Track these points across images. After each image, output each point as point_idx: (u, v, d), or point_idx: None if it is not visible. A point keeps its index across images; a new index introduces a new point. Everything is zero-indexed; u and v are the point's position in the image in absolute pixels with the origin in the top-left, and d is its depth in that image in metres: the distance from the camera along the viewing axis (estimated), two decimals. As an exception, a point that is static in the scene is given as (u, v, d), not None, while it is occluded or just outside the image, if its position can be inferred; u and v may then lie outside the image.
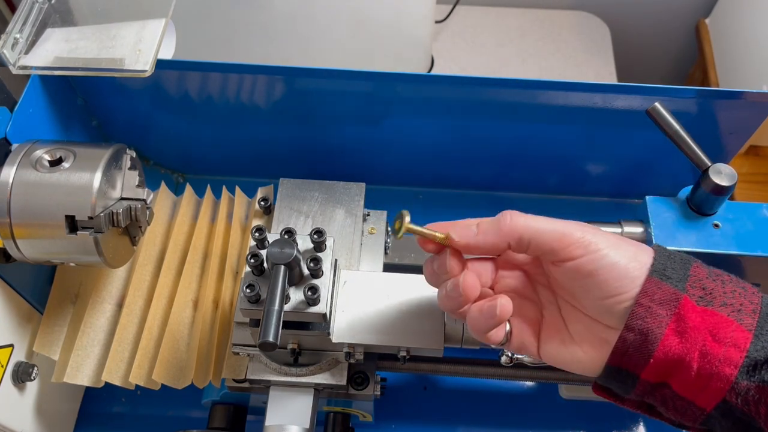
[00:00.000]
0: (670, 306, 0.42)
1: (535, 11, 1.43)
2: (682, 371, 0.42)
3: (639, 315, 0.42)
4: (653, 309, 0.42)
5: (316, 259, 0.52)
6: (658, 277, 0.43)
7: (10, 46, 0.61)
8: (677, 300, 0.42)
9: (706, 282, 0.44)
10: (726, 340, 0.42)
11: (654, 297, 0.42)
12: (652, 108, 0.61)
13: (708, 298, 0.43)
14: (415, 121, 0.75)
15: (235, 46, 1.13)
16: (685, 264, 0.45)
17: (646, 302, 0.42)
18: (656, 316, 0.42)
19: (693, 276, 0.44)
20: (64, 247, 0.54)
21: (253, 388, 0.61)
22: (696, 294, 0.43)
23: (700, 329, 0.42)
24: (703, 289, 0.43)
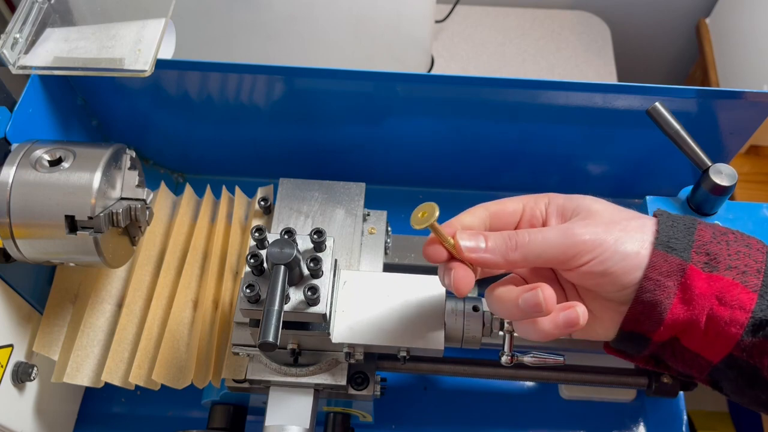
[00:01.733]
0: (677, 276, 0.44)
1: (535, 11, 1.43)
2: (691, 331, 0.44)
3: (648, 289, 0.44)
4: (661, 282, 0.44)
5: (316, 259, 0.52)
6: (663, 250, 0.44)
7: (9, 46, 0.61)
8: (683, 270, 0.44)
9: (710, 246, 0.45)
10: (732, 302, 0.43)
11: (661, 270, 0.44)
12: (653, 108, 0.61)
13: (713, 264, 0.44)
14: (415, 121, 0.75)
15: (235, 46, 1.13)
16: (689, 229, 0.45)
17: (654, 276, 0.44)
18: (664, 288, 0.44)
19: (698, 241, 0.45)
20: (64, 247, 0.54)
21: (253, 388, 0.61)
22: (701, 260, 0.44)
23: (707, 295, 0.43)
24: (707, 254, 0.44)
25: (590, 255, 0.44)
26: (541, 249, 0.45)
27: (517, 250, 0.46)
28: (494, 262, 0.46)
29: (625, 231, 0.45)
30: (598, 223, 0.45)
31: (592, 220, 0.46)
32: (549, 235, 0.45)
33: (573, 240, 0.45)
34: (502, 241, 0.46)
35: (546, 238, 0.45)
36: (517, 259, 0.46)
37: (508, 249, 0.46)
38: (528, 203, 0.50)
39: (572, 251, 0.45)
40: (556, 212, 0.49)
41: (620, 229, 0.45)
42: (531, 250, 0.45)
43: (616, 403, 0.76)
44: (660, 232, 0.45)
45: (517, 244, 0.46)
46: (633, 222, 0.46)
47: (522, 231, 0.46)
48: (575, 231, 0.45)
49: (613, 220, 0.46)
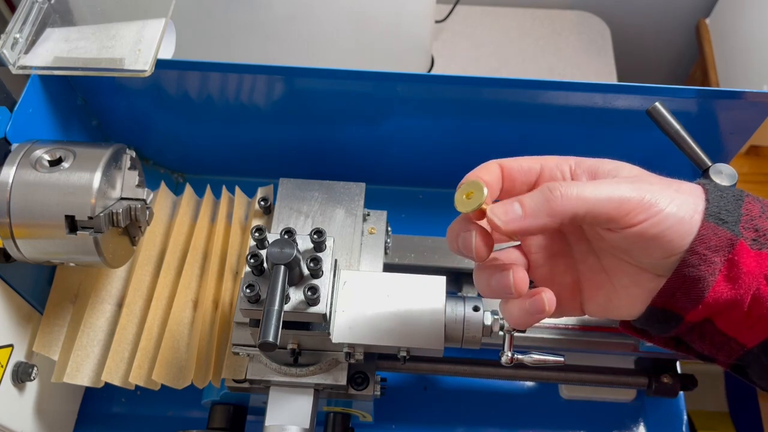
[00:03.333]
0: (724, 252, 0.40)
1: (535, 11, 1.43)
2: (732, 312, 0.41)
3: (692, 263, 0.40)
4: (708, 257, 0.40)
5: (316, 259, 0.52)
6: (714, 222, 0.40)
7: (9, 46, 0.61)
8: (732, 245, 0.40)
9: (759, 221, 0.41)
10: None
11: (710, 244, 0.40)
12: (653, 108, 0.61)
13: (762, 240, 0.41)
14: (415, 121, 0.75)
15: (235, 46, 1.13)
16: (738, 201, 0.42)
17: (701, 250, 0.40)
18: (710, 263, 0.40)
19: (746, 215, 0.41)
20: (64, 247, 0.54)
21: (253, 388, 0.61)
22: (749, 236, 0.41)
23: (755, 274, 0.40)
24: (756, 230, 0.41)
25: (645, 215, 0.40)
26: (592, 202, 0.40)
27: (563, 200, 0.40)
28: (539, 226, 0.41)
29: (680, 192, 0.41)
30: (651, 181, 0.41)
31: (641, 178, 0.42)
32: (601, 187, 0.40)
33: (627, 195, 0.40)
34: (542, 198, 0.40)
35: (598, 190, 0.40)
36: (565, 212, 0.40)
37: (552, 203, 0.40)
38: (547, 163, 0.45)
39: (626, 207, 0.40)
40: (588, 173, 0.44)
41: (674, 190, 0.41)
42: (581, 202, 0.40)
43: (616, 403, 0.76)
44: (710, 201, 0.41)
45: (561, 195, 0.40)
46: (684, 185, 0.42)
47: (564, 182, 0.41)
48: (629, 186, 0.40)
49: (663, 181, 0.42)
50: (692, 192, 0.42)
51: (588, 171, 0.44)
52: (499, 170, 0.45)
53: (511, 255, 0.47)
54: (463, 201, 0.42)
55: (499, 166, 0.45)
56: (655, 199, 0.40)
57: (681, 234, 0.40)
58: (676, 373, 0.68)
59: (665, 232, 0.40)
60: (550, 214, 0.40)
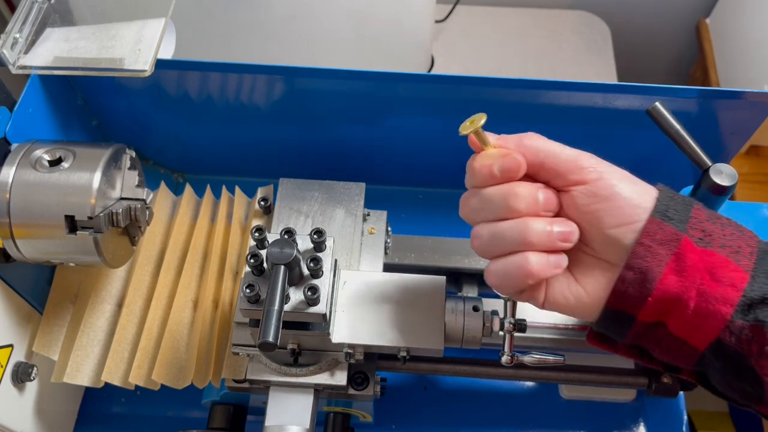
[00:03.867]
0: (670, 246, 0.43)
1: (535, 11, 1.43)
2: (679, 309, 0.43)
3: (639, 254, 0.43)
4: (654, 248, 0.43)
5: (316, 259, 0.52)
6: (660, 218, 0.44)
7: (9, 46, 0.61)
8: (678, 240, 0.43)
9: (706, 224, 0.45)
10: (724, 279, 0.43)
11: (655, 237, 0.43)
12: (653, 108, 0.61)
13: (707, 240, 0.44)
14: (415, 121, 0.75)
15: (235, 45, 1.13)
16: (687, 206, 0.45)
17: (647, 242, 0.43)
18: (656, 255, 0.43)
19: (694, 218, 0.45)
20: (64, 247, 0.54)
21: (253, 388, 0.61)
22: (696, 235, 0.44)
23: (699, 268, 0.43)
24: (703, 231, 0.44)
25: (597, 175, 0.45)
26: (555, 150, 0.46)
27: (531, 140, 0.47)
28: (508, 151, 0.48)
29: (632, 178, 0.46)
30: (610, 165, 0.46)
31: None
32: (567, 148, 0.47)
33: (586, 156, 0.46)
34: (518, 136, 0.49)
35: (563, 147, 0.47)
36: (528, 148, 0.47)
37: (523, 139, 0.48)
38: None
39: (581, 163, 0.45)
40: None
41: (626, 174, 0.46)
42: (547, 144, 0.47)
43: (616, 403, 0.76)
44: (659, 200, 0.45)
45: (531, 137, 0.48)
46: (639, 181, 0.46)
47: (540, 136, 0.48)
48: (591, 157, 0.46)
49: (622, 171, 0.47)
50: (645, 185, 0.46)
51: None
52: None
53: None
54: (465, 126, 0.49)
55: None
56: (608, 170, 0.45)
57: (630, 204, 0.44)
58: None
59: (615, 196, 0.44)
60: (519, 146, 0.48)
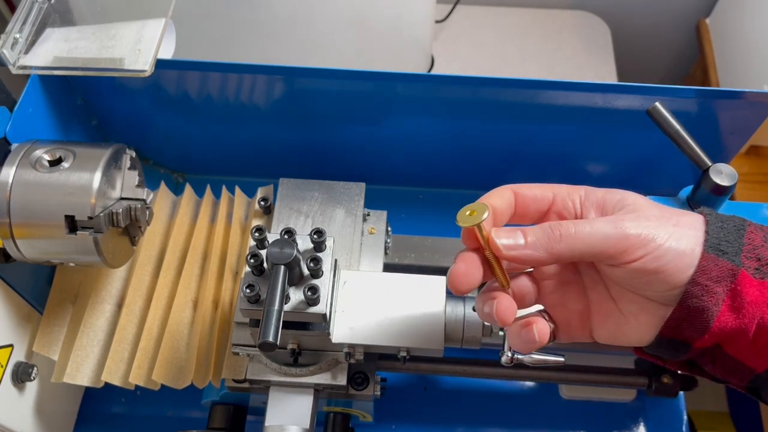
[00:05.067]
0: (726, 282, 0.41)
1: (535, 11, 1.43)
2: (737, 339, 0.42)
3: (695, 294, 0.41)
4: (710, 287, 0.41)
5: (316, 259, 0.52)
6: (714, 253, 0.41)
7: (9, 46, 0.61)
8: (734, 276, 0.41)
9: (761, 251, 0.42)
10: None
11: (711, 275, 0.41)
12: (653, 108, 0.61)
13: (765, 270, 0.42)
14: (415, 121, 0.75)
15: (235, 46, 1.13)
16: (739, 231, 0.43)
17: (703, 281, 0.41)
18: (713, 294, 0.41)
19: (748, 245, 0.42)
20: (64, 247, 0.54)
21: (253, 388, 0.61)
22: (752, 266, 0.42)
23: (758, 303, 0.41)
24: (758, 259, 0.42)
25: (643, 251, 0.41)
26: (589, 242, 0.42)
27: (561, 241, 0.42)
28: (536, 259, 0.43)
29: (678, 227, 0.42)
30: (649, 217, 0.42)
31: (641, 213, 0.43)
32: (598, 226, 0.42)
33: (625, 233, 0.41)
34: (543, 234, 0.43)
35: (595, 229, 0.42)
36: (562, 252, 0.42)
37: (552, 241, 0.42)
38: (560, 193, 0.46)
39: (623, 245, 0.41)
40: (596, 205, 0.45)
41: (673, 225, 0.42)
42: (578, 242, 0.42)
43: (616, 403, 0.76)
44: (710, 233, 0.42)
45: (561, 236, 0.42)
46: (684, 218, 0.43)
47: (565, 222, 0.43)
48: (626, 224, 0.42)
49: (663, 215, 0.43)
50: (692, 225, 0.43)
51: (596, 204, 0.45)
52: (512, 196, 0.46)
53: (520, 281, 0.48)
54: (464, 217, 0.43)
55: (512, 192, 0.46)
56: (652, 234, 0.41)
57: (681, 267, 0.41)
58: (676, 373, 0.68)
59: (665, 266, 0.41)
60: (549, 251, 0.42)
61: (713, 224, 0.43)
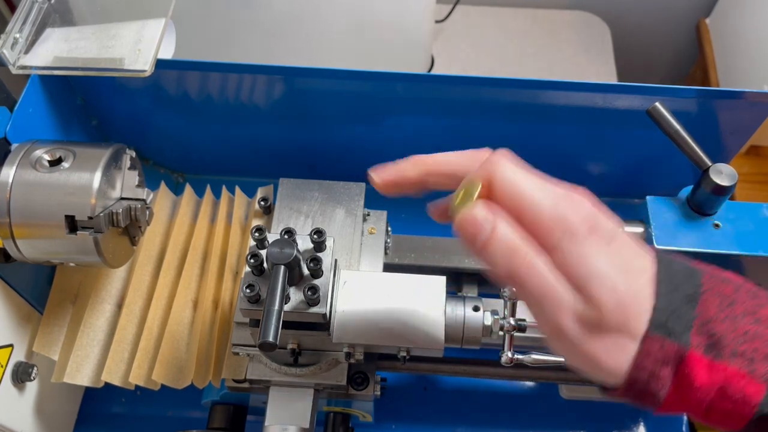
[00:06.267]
0: (673, 365, 0.38)
1: (535, 11, 1.43)
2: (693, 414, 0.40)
3: (641, 379, 0.38)
4: (656, 372, 0.38)
5: (316, 259, 0.52)
6: (660, 334, 0.38)
7: (9, 46, 0.61)
8: (681, 358, 0.38)
9: (714, 325, 0.38)
10: (736, 396, 0.38)
11: (657, 357, 0.38)
12: (653, 108, 0.61)
13: (717, 348, 0.38)
14: (415, 121, 0.75)
15: (235, 45, 1.13)
16: (692, 302, 0.38)
17: (648, 365, 0.38)
18: (659, 378, 0.38)
19: (700, 315, 0.38)
20: (64, 247, 0.54)
21: (253, 388, 0.61)
22: (703, 342, 0.38)
23: (707, 388, 0.38)
24: (711, 335, 0.38)
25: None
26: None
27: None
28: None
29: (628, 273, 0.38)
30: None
31: None
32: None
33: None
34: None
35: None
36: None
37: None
38: None
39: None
40: None
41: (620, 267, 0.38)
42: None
43: (616, 403, 0.76)
44: (657, 309, 0.38)
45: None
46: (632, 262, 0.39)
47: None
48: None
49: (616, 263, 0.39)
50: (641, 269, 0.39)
51: None
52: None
53: None
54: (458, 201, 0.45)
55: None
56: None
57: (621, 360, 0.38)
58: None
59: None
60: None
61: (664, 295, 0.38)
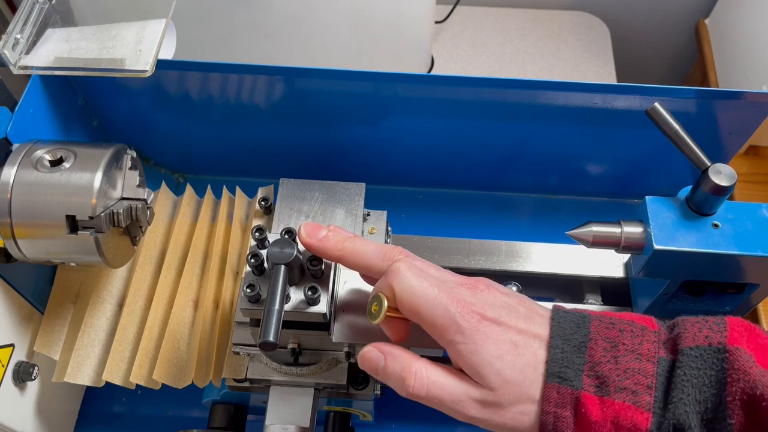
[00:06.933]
0: (571, 405, 0.44)
1: (535, 11, 1.43)
2: None
3: (548, 422, 0.44)
4: (559, 413, 0.44)
5: (317, 259, 0.52)
6: (555, 382, 0.44)
7: (10, 47, 0.61)
8: (576, 399, 0.44)
9: (600, 368, 0.44)
10: (627, 426, 0.43)
11: (556, 402, 0.44)
12: (652, 108, 0.61)
13: (604, 387, 0.44)
14: (415, 121, 0.76)
15: (236, 46, 1.13)
16: (580, 350, 0.45)
17: (551, 408, 0.44)
18: (563, 419, 0.44)
19: (588, 362, 0.44)
20: (65, 247, 0.54)
21: (254, 387, 0.61)
22: (593, 384, 0.44)
23: (602, 422, 0.43)
24: (597, 377, 0.44)
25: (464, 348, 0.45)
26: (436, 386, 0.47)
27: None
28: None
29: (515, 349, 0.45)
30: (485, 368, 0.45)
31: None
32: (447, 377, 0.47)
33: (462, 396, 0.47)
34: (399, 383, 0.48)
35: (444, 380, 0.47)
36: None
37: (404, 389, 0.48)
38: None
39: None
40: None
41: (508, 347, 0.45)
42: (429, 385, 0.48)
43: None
44: (550, 362, 0.45)
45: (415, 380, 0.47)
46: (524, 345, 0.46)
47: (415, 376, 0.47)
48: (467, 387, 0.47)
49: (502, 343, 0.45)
50: (532, 364, 0.45)
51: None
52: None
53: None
54: (370, 311, 0.49)
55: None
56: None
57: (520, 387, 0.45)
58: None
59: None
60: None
61: (554, 349, 0.45)
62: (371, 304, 0.49)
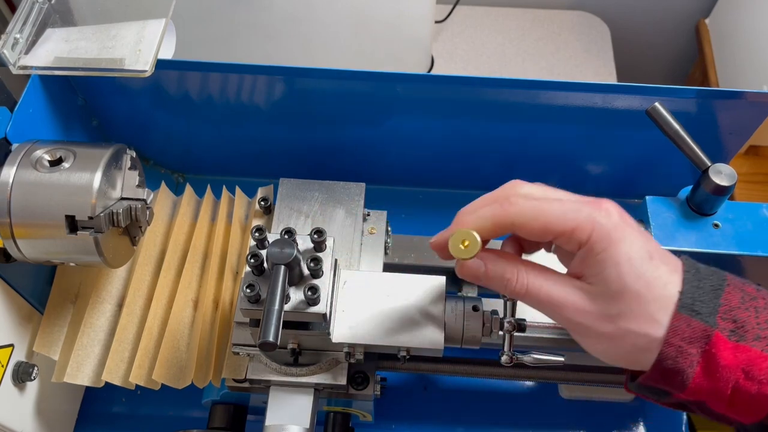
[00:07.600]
0: (700, 344, 0.41)
1: (535, 11, 1.43)
2: (716, 400, 0.42)
3: (669, 355, 0.41)
4: (684, 348, 0.41)
5: (316, 259, 0.52)
6: (686, 314, 0.41)
7: (10, 46, 0.61)
8: (708, 337, 0.41)
9: (737, 312, 0.42)
10: (760, 377, 0.40)
11: (684, 335, 0.41)
12: (652, 108, 0.61)
13: (740, 332, 0.41)
14: (415, 121, 0.76)
15: (236, 46, 1.13)
16: (716, 291, 0.42)
17: (677, 341, 0.41)
18: (687, 355, 0.41)
19: (724, 305, 0.42)
20: (64, 247, 0.54)
21: (253, 388, 0.61)
22: (728, 327, 0.41)
23: (732, 367, 0.41)
24: (734, 321, 0.41)
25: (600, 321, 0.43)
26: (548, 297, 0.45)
27: (518, 283, 0.46)
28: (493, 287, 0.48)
29: (647, 264, 0.42)
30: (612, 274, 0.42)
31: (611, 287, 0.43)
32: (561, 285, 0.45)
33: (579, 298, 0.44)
34: (501, 276, 0.46)
35: (554, 284, 0.45)
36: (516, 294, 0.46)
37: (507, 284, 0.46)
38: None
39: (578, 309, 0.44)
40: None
41: (641, 270, 0.42)
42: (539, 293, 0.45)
43: (616, 403, 0.76)
44: (684, 292, 0.42)
45: (517, 281, 0.46)
46: (659, 259, 0.43)
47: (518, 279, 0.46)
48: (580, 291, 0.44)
49: (636, 264, 0.42)
50: (670, 270, 0.43)
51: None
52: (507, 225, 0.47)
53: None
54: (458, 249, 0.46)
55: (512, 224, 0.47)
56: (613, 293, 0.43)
57: (652, 311, 0.42)
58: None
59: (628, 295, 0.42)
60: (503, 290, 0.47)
61: (689, 283, 0.42)
62: (457, 241, 0.46)
